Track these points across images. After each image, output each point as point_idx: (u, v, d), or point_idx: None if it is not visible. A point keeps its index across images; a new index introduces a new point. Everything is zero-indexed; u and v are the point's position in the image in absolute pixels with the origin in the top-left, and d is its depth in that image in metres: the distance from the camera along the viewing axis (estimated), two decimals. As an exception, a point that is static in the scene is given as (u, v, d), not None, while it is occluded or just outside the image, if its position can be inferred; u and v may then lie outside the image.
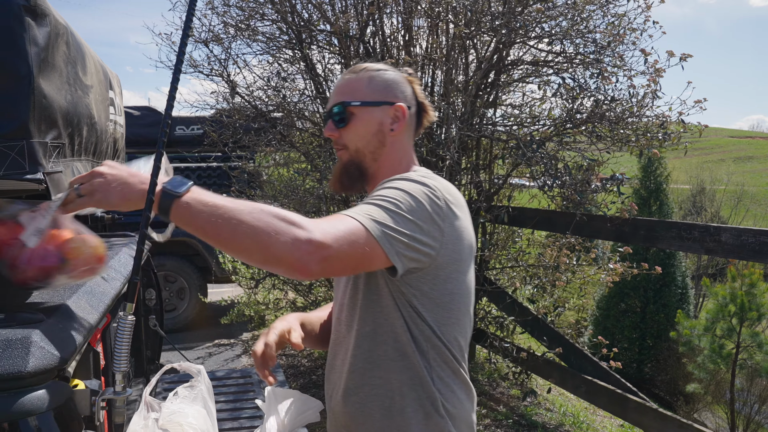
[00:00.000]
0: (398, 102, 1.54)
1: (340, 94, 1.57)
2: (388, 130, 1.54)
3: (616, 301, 10.68)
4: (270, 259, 1.22)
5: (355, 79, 1.56)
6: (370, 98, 1.54)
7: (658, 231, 3.52)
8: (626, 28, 4.44)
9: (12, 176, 1.47)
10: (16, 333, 1.40)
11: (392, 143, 1.56)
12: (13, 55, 1.48)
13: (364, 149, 1.55)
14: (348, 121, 1.54)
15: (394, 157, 1.56)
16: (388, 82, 1.56)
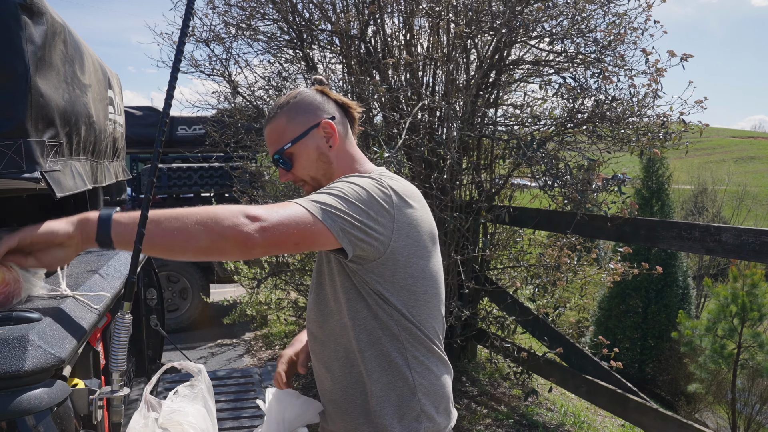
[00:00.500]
0: (321, 119, 1.61)
1: (271, 144, 1.65)
2: (327, 148, 1.62)
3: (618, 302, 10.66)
4: (216, 238, 1.29)
5: (275, 125, 1.63)
6: (297, 133, 1.61)
7: (659, 231, 3.51)
8: (627, 27, 4.44)
9: (9, 175, 1.47)
10: (13, 331, 1.40)
11: (337, 156, 1.64)
12: (10, 53, 1.47)
13: (316, 175, 1.65)
14: (292, 162, 1.63)
15: (345, 166, 1.65)
16: (303, 108, 1.62)
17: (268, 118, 1.68)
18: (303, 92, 1.66)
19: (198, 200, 7.64)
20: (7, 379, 1.32)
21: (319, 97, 1.65)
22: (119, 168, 2.88)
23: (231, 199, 7.00)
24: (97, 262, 2.34)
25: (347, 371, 1.57)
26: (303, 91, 1.67)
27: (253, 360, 6.27)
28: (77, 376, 1.72)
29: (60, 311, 1.60)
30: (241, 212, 1.30)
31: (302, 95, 1.65)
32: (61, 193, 1.64)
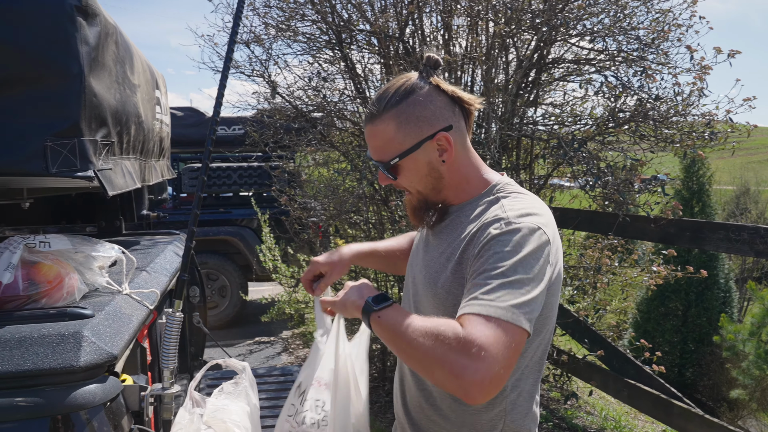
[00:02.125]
0: (436, 131, 1.41)
1: (374, 149, 1.47)
2: (440, 163, 1.44)
3: (657, 304, 10.44)
4: (440, 385, 1.27)
5: (381, 129, 1.43)
6: (407, 146, 1.42)
7: (705, 232, 3.44)
8: (671, 24, 4.34)
9: (64, 174, 1.50)
10: (68, 327, 1.43)
11: (449, 170, 1.46)
12: (65, 54, 1.51)
13: (425, 190, 1.48)
14: (396, 173, 1.47)
15: (459, 180, 1.48)
16: (416, 115, 1.41)
17: (371, 113, 1.46)
18: (417, 89, 1.42)
19: (237, 199, 7.71)
20: (62, 374, 1.35)
21: (436, 97, 1.42)
22: (165, 167, 2.92)
23: (269, 199, 7.06)
24: (144, 259, 2.38)
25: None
26: (417, 85, 1.42)
27: (290, 358, 6.31)
28: (125, 372, 1.75)
29: (112, 307, 1.62)
30: (472, 380, 1.16)
31: (418, 95, 1.41)
32: (113, 191, 1.67)
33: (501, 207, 1.38)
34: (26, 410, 1.29)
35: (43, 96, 1.48)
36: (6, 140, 1.45)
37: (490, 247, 1.30)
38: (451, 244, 1.44)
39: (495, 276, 1.26)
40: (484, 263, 1.30)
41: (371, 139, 1.46)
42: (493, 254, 1.29)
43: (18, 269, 1.53)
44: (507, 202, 1.40)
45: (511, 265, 1.26)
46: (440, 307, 1.42)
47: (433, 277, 1.45)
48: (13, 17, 1.45)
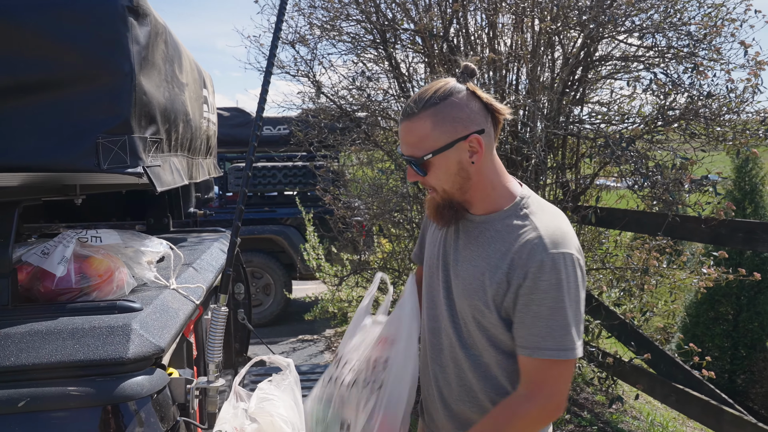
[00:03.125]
0: (469, 132, 1.49)
1: (409, 145, 1.54)
2: (469, 164, 1.52)
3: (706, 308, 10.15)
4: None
5: (418, 126, 1.50)
6: (440, 143, 1.49)
7: (759, 233, 3.33)
8: (724, 18, 4.22)
9: (114, 170, 1.53)
10: (117, 320, 1.46)
11: (477, 172, 1.54)
12: (117, 53, 1.54)
13: (451, 189, 1.55)
14: (426, 170, 1.53)
15: (486, 184, 1.56)
16: (453, 116, 1.49)
17: (409, 111, 1.53)
18: (455, 93, 1.50)
19: (282, 198, 7.79)
20: (111, 365, 1.38)
21: (472, 101, 1.51)
22: (211, 165, 2.97)
23: (314, 198, 7.11)
24: (191, 255, 2.42)
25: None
26: (455, 88, 1.51)
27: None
28: (171, 365, 1.78)
29: (160, 302, 1.66)
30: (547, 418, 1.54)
31: (455, 98, 1.49)
32: (161, 187, 1.70)
33: (540, 238, 1.48)
34: (78, 399, 1.33)
35: (96, 94, 1.52)
36: (62, 138, 1.49)
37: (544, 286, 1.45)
38: (489, 259, 1.54)
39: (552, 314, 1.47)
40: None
41: (406, 135, 1.53)
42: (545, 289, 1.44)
43: (71, 263, 1.58)
44: (536, 219, 1.53)
45: (575, 304, 1.47)
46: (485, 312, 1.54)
47: (476, 288, 1.55)
48: (70, 18, 1.49)
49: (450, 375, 1.65)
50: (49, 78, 1.51)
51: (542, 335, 1.42)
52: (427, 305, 1.73)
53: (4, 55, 1.48)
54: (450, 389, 1.66)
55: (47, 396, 1.31)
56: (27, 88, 1.50)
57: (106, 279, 1.61)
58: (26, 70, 1.49)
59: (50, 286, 1.58)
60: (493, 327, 1.53)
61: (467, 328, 1.58)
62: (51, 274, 1.57)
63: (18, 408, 1.28)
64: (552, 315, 1.42)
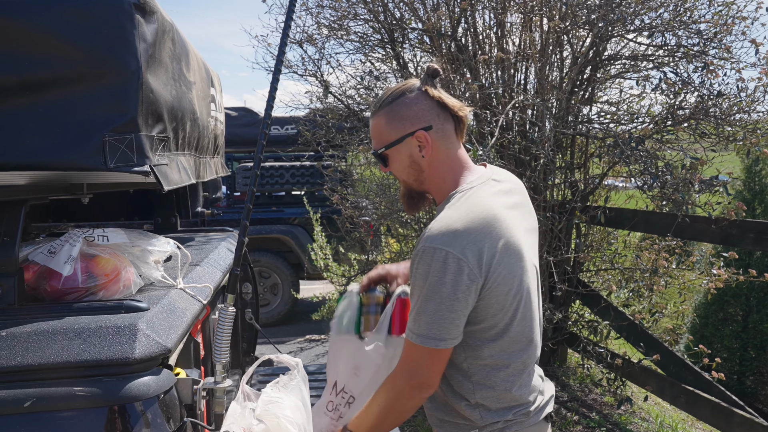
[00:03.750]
0: (416, 129, 1.62)
1: (373, 140, 1.73)
2: (420, 158, 1.65)
3: (715, 309, 10.08)
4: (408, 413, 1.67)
5: (375, 123, 1.69)
6: (391, 138, 1.66)
7: (771, 234, 3.31)
8: (735, 16, 4.18)
9: (121, 168, 1.52)
10: (124, 320, 1.45)
11: (429, 165, 1.67)
12: (124, 50, 1.53)
13: (408, 180, 1.72)
14: (387, 162, 1.71)
15: (438, 176, 1.68)
16: (401, 114, 1.63)
17: (372, 110, 1.71)
18: (407, 92, 1.65)
19: (289, 198, 7.79)
20: (118, 365, 1.37)
21: (423, 101, 1.64)
22: (219, 164, 2.96)
23: (321, 198, 7.10)
24: (198, 254, 2.41)
25: None
26: (408, 88, 1.65)
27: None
28: (178, 365, 1.77)
29: (167, 301, 1.65)
30: (406, 395, 1.61)
31: (406, 98, 1.64)
32: (168, 186, 1.69)
33: (429, 229, 1.57)
34: (84, 399, 1.32)
35: (102, 92, 1.51)
36: (69, 136, 1.49)
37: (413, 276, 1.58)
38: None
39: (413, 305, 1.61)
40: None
41: (371, 131, 1.72)
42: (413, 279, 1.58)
43: (77, 262, 1.57)
44: (446, 212, 1.59)
45: (425, 301, 1.55)
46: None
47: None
48: (76, 15, 1.48)
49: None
50: (56, 76, 1.50)
51: (411, 318, 1.56)
52: None
53: (10, 53, 1.47)
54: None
55: (53, 396, 1.30)
56: (33, 86, 1.49)
57: (113, 278, 1.60)
58: (33, 68, 1.48)
59: (57, 285, 1.57)
60: None
61: None
62: (57, 273, 1.56)
63: (24, 408, 1.27)
64: (416, 302, 1.54)
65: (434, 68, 1.65)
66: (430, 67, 1.66)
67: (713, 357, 4.22)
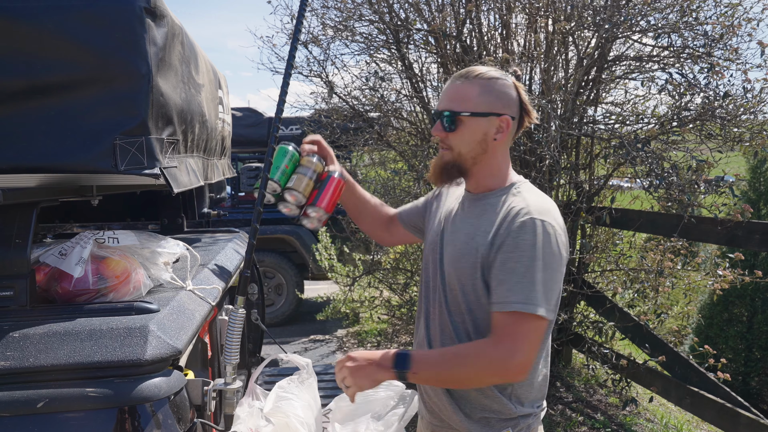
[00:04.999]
0: (504, 113, 1.65)
1: (451, 100, 1.67)
2: (492, 139, 1.66)
3: (720, 309, 10.05)
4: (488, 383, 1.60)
5: (467, 87, 1.66)
6: (480, 109, 1.64)
7: (777, 235, 3.30)
8: (741, 18, 4.18)
9: (132, 171, 1.54)
10: (135, 321, 1.46)
11: (493, 150, 1.68)
12: (134, 54, 1.54)
13: (467, 154, 1.68)
14: (456, 127, 1.66)
15: (493, 163, 1.70)
16: (498, 93, 1.65)
17: (462, 74, 1.69)
18: (505, 79, 1.68)
19: None
20: (129, 366, 1.38)
21: (515, 93, 1.68)
22: (226, 165, 2.97)
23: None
24: (205, 256, 2.42)
25: None
26: (506, 76, 1.69)
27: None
28: (188, 366, 1.78)
29: (176, 303, 1.66)
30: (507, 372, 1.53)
31: (505, 81, 1.67)
32: (178, 188, 1.70)
33: (527, 205, 1.59)
34: (96, 400, 1.33)
35: (113, 95, 1.52)
36: (80, 139, 1.50)
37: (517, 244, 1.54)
38: (479, 226, 1.65)
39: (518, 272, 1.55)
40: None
41: (452, 92, 1.68)
42: (517, 248, 1.54)
43: (88, 264, 1.58)
44: (526, 194, 1.64)
45: (547, 267, 1.54)
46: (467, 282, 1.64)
47: (464, 253, 1.65)
48: (87, 19, 1.49)
49: (437, 342, 1.74)
50: (67, 80, 1.52)
51: (513, 290, 1.50)
52: (424, 278, 1.83)
53: (22, 57, 1.49)
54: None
55: (66, 397, 1.31)
56: (46, 89, 1.51)
57: (123, 280, 1.61)
58: (45, 72, 1.50)
59: (68, 287, 1.58)
60: (473, 292, 1.62)
61: (452, 294, 1.67)
62: (69, 275, 1.57)
63: (37, 408, 1.28)
64: (524, 272, 1.50)
65: (518, 73, 1.74)
66: (515, 72, 1.73)
67: (718, 358, 4.22)
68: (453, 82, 1.70)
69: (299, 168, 1.81)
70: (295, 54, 1.38)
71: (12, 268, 1.50)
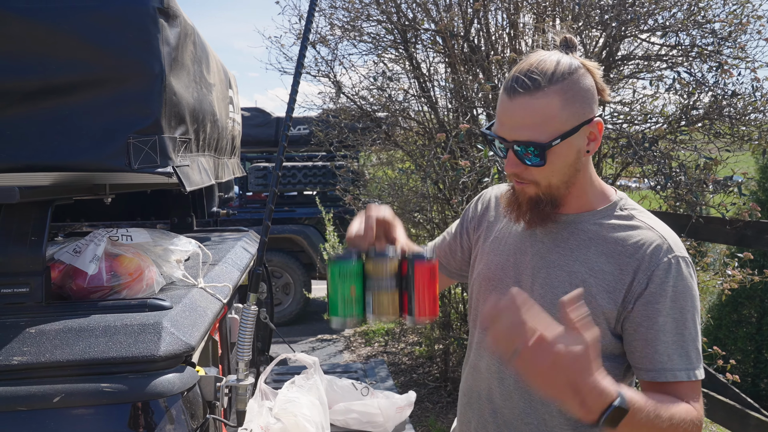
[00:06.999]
0: (595, 115, 1.25)
1: (525, 128, 1.22)
2: (584, 153, 1.27)
3: (729, 310, 10.00)
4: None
5: (542, 104, 1.20)
6: (569, 126, 1.21)
7: (786, 235, 3.30)
8: (750, 15, 4.17)
9: (145, 169, 1.55)
10: (148, 318, 1.48)
11: (585, 164, 1.30)
12: (148, 54, 1.56)
13: (558, 182, 1.28)
14: (545, 160, 1.23)
15: (586, 178, 1.32)
16: (581, 95, 1.23)
17: (524, 83, 1.21)
18: (578, 68, 1.24)
19: (301, 198, 7.83)
20: (143, 362, 1.40)
21: (590, 79, 1.25)
22: (236, 165, 2.99)
23: (333, 198, 7.14)
24: (215, 254, 2.44)
25: None
26: (574, 63, 1.24)
27: (352, 356, 6.37)
28: (199, 363, 1.80)
29: (188, 300, 1.67)
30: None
31: (578, 69, 1.23)
32: (190, 187, 1.72)
33: (661, 237, 1.26)
34: (110, 396, 1.34)
35: (127, 95, 1.54)
36: (94, 138, 1.52)
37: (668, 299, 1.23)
38: (590, 263, 1.28)
39: (678, 337, 1.25)
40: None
41: (525, 114, 1.21)
42: (671, 303, 1.22)
43: (102, 261, 1.60)
44: (648, 220, 1.30)
45: (693, 320, 1.25)
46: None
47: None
48: (101, 20, 1.51)
49: (515, 410, 1.38)
50: (81, 79, 1.54)
51: (671, 353, 1.23)
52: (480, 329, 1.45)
53: (37, 58, 1.51)
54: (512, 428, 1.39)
55: (81, 392, 1.33)
56: (59, 89, 1.53)
57: (137, 277, 1.63)
58: (60, 72, 1.52)
59: (82, 284, 1.60)
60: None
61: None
62: (83, 272, 1.59)
63: (54, 403, 1.30)
64: (682, 329, 1.22)
65: (573, 39, 1.28)
66: (569, 39, 1.28)
67: (727, 359, 4.21)
68: (516, 96, 1.22)
69: (369, 281, 1.25)
70: (305, 54, 1.40)
71: (28, 265, 1.52)
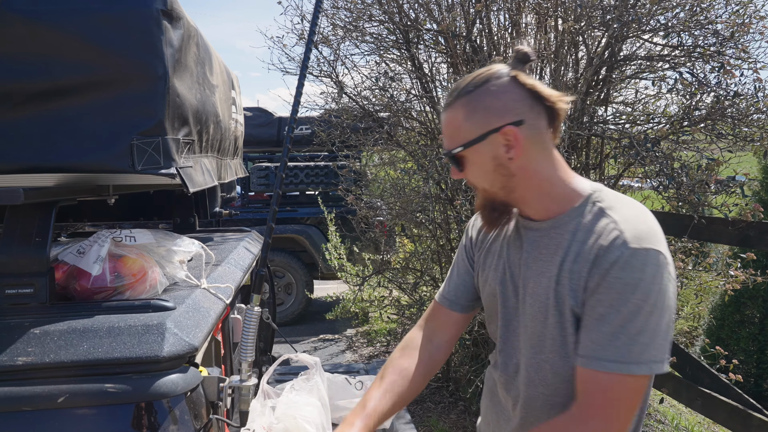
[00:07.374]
0: (503, 124, 1.30)
1: (445, 138, 1.39)
2: (507, 160, 1.33)
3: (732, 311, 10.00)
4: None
5: (450, 117, 1.36)
6: (471, 136, 1.33)
7: (789, 235, 3.30)
8: (752, 16, 4.17)
9: (149, 171, 1.56)
10: (152, 318, 1.49)
11: (522, 169, 1.34)
12: (152, 56, 1.57)
13: (490, 187, 1.39)
14: (462, 165, 1.39)
15: (534, 181, 1.36)
16: (486, 105, 1.32)
17: (447, 101, 1.39)
18: (493, 79, 1.32)
19: (304, 198, 7.84)
20: (146, 363, 1.41)
21: (512, 90, 1.31)
22: (238, 165, 3.00)
23: (336, 198, 7.15)
24: (218, 255, 2.45)
25: None
26: (494, 75, 1.33)
27: (354, 356, 6.37)
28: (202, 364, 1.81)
29: (192, 301, 1.68)
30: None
31: (491, 85, 1.32)
32: (193, 188, 1.73)
33: (613, 221, 1.27)
34: (113, 396, 1.35)
35: (131, 96, 1.55)
36: (98, 140, 1.53)
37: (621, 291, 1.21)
38: (562, 265, 1.32)
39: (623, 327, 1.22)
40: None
41: (444, 128, 1.40)
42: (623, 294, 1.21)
43: (106, 262, 1.61)
44: (615, 214, 1.29)
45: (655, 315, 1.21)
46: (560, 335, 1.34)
47: (543, 304, 1.35)
48: (105, 22, 1.52)
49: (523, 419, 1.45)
50: (85, 81, 1.54)
51: (603, 343, 1.20)
52: (503, 340, 1.51)
53: (42, 60, 1.51)
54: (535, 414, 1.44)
55: (86, 392, 1.34)
56: (64, 91, 1.53)
57: (140, 278, 1.64)
58: (63, 74, 1.53)
59: (86, 284, 1.61)
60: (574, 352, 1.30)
61: (542, 359, 1.37)
62: (87, 272, 1.60)
63: (58, 403, 1.31)
64: (622, 320, 1.19)
65: (525, 51, 1.33)
66: (521, 51, 1.33)
67: (730, 359, 4.21)
68: (442, 113, 1.40)
69: None
70: (309, 56, 1.40)
71: (32, 266, 1.53)
